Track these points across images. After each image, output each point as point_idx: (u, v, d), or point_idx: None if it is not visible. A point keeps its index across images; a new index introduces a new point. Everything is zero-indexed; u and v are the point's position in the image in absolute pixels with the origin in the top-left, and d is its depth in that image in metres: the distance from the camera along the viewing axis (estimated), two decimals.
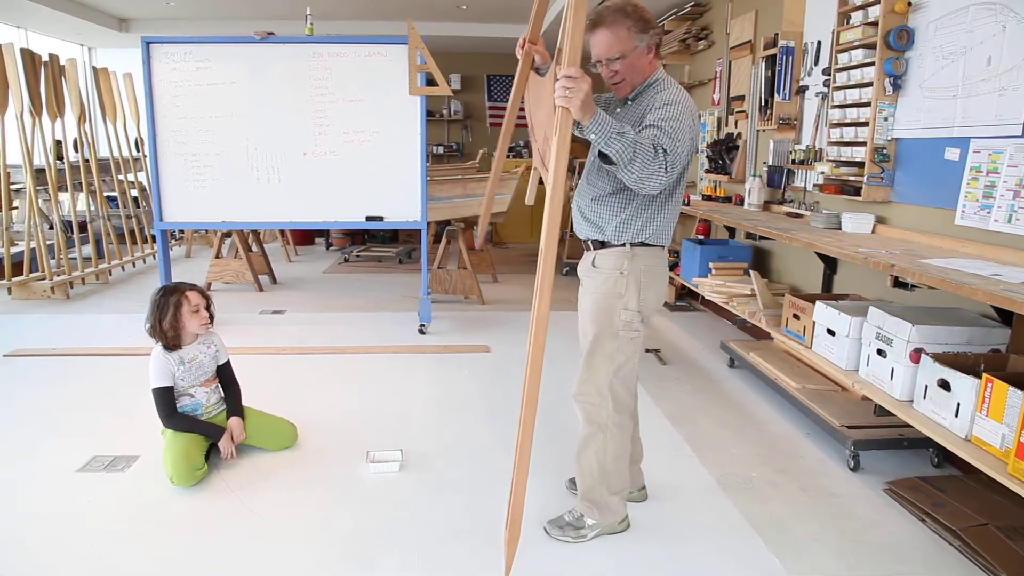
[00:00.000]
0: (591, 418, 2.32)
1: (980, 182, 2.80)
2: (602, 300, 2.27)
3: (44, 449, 2.96)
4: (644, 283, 2.25)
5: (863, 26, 3.40)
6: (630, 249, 2.24)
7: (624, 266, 2.24)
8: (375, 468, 2.80)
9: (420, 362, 4.18)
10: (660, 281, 2.32)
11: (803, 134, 4.23)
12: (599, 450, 2.30)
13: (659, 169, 1.98)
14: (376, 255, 7.74)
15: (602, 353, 2.28)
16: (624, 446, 2.34)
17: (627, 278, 2.24)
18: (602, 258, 2.28)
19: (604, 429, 2.30)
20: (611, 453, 2.31)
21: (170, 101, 4.43)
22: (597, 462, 2.31)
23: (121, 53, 8.79)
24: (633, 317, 2.25)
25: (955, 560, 2.29)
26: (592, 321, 2.29)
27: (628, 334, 2.26)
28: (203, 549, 2.28)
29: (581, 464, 2.36)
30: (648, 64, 2.21)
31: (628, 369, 2.30)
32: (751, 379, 3.93)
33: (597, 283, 2.29)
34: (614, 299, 2.25)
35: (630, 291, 2.24)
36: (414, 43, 4.10)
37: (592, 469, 2.33)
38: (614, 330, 2.26)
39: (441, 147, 10.24)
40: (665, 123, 2.04)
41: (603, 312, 2.27)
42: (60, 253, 5.83)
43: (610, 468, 2.32)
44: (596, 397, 2.29)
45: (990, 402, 2.21)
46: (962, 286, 2.25)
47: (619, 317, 2.25)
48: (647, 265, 2.26)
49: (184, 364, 2.83)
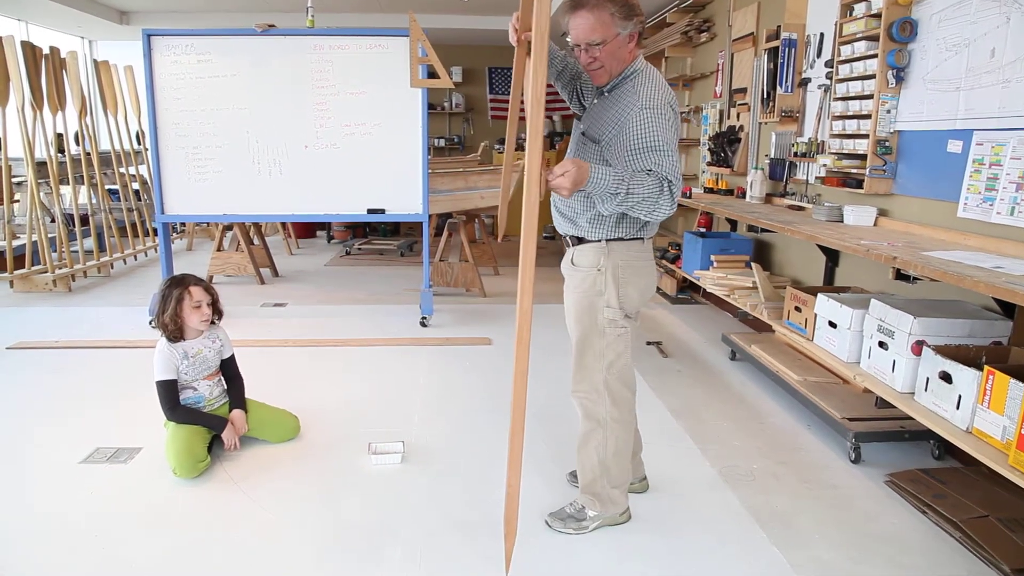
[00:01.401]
0: (590, 414, 2.30)
1: (983, 175, 2.80)
2: (583, 299, 2.24)
3: (47, 441, 2.97)
4: (623, 279, 2.20)
5: (866, 18, 3.39)
6: (606, 245, 2.19)
7: (601, 263, 2.19)
8: (377, 460, 2.81)
9: (422, 354, 4.19)
10: (641, 275, 2.26)
11: (805, 127, 4.22)
12: (599, 445, 2.29)
13: (665, 202, 1.98)
14: (377, 248, 7.74)
15: (591, 352, 2.25)
16: (625, 441, 2.32)
17: (605, 275, 2.19)
18: (580, 255, 2.24)
19: (603, 425, 2.28)
20: (611, 448, 2.29)
21: (171, 94, 4.43)
22: (597, 456, 2.30)
23: (122, 46, 8.79)
24: (616, 315, 2.21)
25: (956, 552, 2.29)
26: (576, 320, 2.27)
27: (614, 331, 2.22)
28: (206, 540, 2.29)
29: (582, 458, 2.35)
30: (629, 53, 2.14)
31: (621, 364, 2.27)
32: (752, 372, 3.93)
33: (577, 281, 2.26)
34: (594, 297, 2.21)
35: (609, 288, 2.19)
36: (415, 35, 4.09)
37: (592, 463, 2.31)
38: (599, 328, 2.22)
39: (442, 140, 10.23)
40: (656, 140, 2.01)
41: (585, 311, 2.24)
42: (62, 246, 5.84)
43: (611, 462, 2.30)
44: (593, 394, 2.27)
45: (991, 394, 2.21)
46: (964, 278, 2.25)
47: (602, 315, 2.21)
48: (624, 260, 2.20)
49: (188, 358, 2.83)
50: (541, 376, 3.76)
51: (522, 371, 1.86)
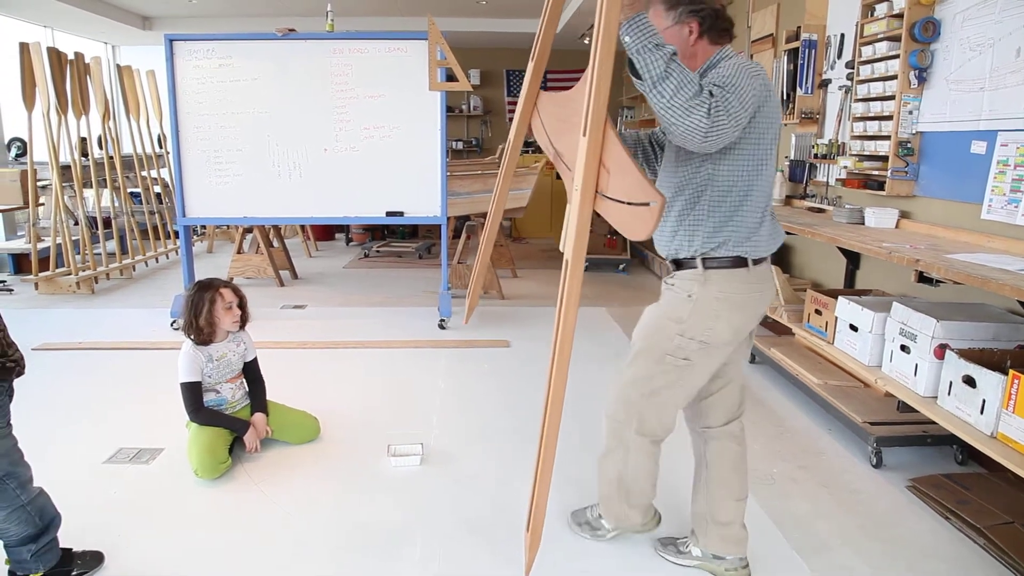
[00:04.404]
0: (614, 433, 2.14)
1: (1007, 176, 2.76)
2: (658, 319, 2.01)
3: (71, 441, 3.01)
4: (715, 313, 1.91)
5: (888, 18, 3.36)
6: (702, 272, 1.91)
7: (694, 291, 1.92)
8: (396, 462, 2.82)
9: (440, 357, 4.20)
10: (742, 309, 1.94)
11: (826, 128, 4.19)
12: (619, 462, 2.15)
13: (699, 106, 1.61)
14: (396, 250, 7.77)
15: (640, 370, 2.03)
16: (647, 467, 2.15)
17: (694, 304, 1.92)
18: (679, 279, 1.98)
19: (626, 448, 2.12)
20: (632, 468, 2.14)
21: (193, 98, 4.48)
22: (616, 473, 2.17)
23: (144, 51, 8.91)
24: (687, 345, 1.94)
25: (980, 559, 2.26)
26: (641, 335, 2.06)
27: (676, 361, 1.97)
28: (226, 540, 2.31)
29: (601, 470, 2.23)
30: (694, 46, 1.89)
31: (666, 398, 2.03)
32: (772, 375, 3.90)
33: (665, 299, 2.02)
34: (671, 321, 1.96)
35: (692, 319, 1.92)
36: (434, 39, 4.11)
37: (611, 478, 2.19)
38: (660, 352, 1.98)
39: (460, 142, 10.26)
40: (724, 79, 1.71)
41: (655, 330, 2.01)
42: (85, 249, 5.92)
43: (630, 482, 2.16)
44: (622, 415, 2.10)
45: (1016, 399, 2.18)
46: (988, 281, 2.22)
47: (671, 340, 1.96)
48: (724, 293, 1.90)
49: (213, 361, 2.86)
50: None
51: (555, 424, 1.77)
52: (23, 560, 2.00)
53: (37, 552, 2.00)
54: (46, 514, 2.03)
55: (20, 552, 1.99)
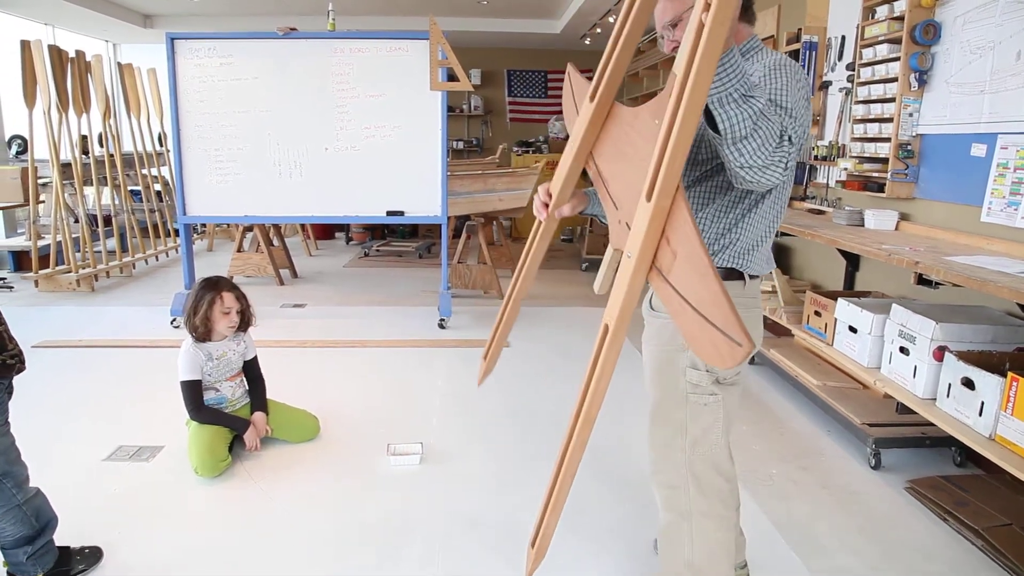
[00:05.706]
0: (670, 504, 1.81)
1: (1007, 179, 2.77)
2: (661, 353, 1.77)
3: (70, 439, 3.01)
4: None
5: (888, 21, 3.36)
6: None
7: None
8: (395, 461, 2.82)
9: (440, 356, 4.20)
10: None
11: (826, 130, 4.20)
12: (685, 543, 1.78)
13: (779, 162, 1.39)
14: (396, 250, 7.78)
15: (670, 425, 1.76)
16: (720, 539, 1.77)
17: None
18: None
19: (687, 518, 1.77)
20: (700, 546, 1.76)
21: (194, 96, 4.49)
22: (683, 559, 1.79)
23: (146, 49, 8.92)
24: (701, 378, 1.70)
25: (978, 560, 2.27)
26: (653, 382, 1.80)
27: (699, 399, 1.71)
28: (226, 538, 2.32)
29: (664, 554, 1.86)
30: None
31: (710, 443, 1.73)
32: (771, 376, 3.91)
33: (655, 329, 1.79)
34: (675, 352, 1.72)
35: None
36: (435, 38, 4.11)
37: (677, 567, 1.80)
38: (680, 394, 1.72)
39: (461, 142, 10.27)
40: (784, 99, 1.48)
41: (664, 369, 1.76)
42: (85, 246, 5.92)
43: (702, 564, 1.77)
44: (675, 479, 1.77)
45: (1015, 401, 2.18)
46: (987, 284, 2.22)
47: (684, 377, 1.71)
48: None
49: (213, 359, 2.86)
50: (558, 376, 3.76)
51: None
52: (20, 563, 2.00)
53: (34, 554, 2.00)
54: (42, 515, 2.02)
55: (17, 555, 1.99)
